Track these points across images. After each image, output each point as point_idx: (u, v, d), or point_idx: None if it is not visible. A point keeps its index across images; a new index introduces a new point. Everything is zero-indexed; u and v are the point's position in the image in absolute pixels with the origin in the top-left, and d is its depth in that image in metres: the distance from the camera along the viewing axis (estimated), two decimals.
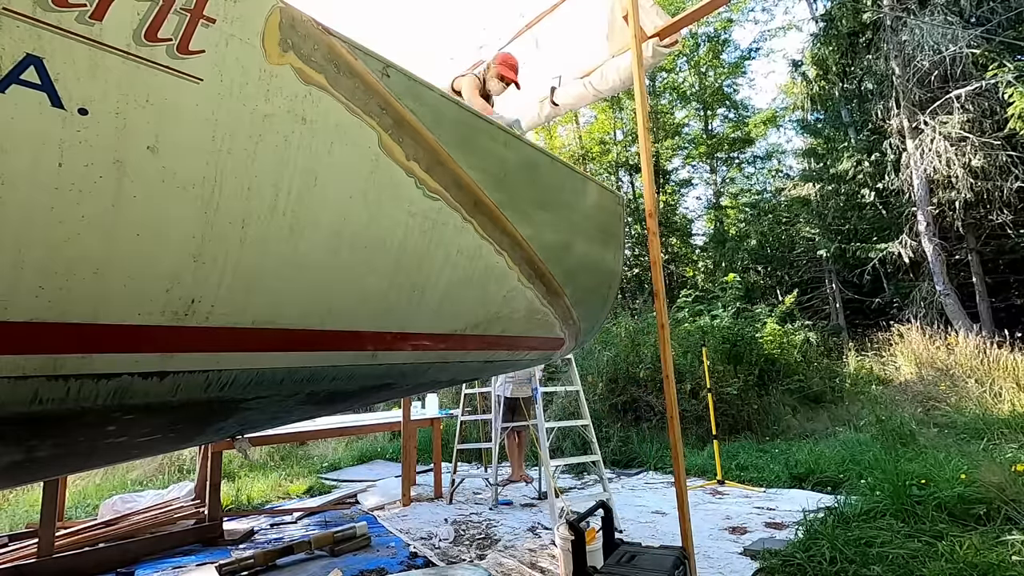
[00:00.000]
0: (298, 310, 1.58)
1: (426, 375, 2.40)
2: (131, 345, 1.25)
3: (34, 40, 0.97)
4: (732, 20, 17.24)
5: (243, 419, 1.90)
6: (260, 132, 1.31)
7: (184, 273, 1.27)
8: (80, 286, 1.13)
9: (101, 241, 1.12)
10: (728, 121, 18.89)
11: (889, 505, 3.40)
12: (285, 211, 1.40)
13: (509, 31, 4.24)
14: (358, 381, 2.02)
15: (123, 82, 1.08)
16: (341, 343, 1.77)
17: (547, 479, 4.10)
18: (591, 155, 18.89)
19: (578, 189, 2.87)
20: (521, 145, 2.31)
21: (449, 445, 6.19)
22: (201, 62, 1.18)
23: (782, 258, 14.97)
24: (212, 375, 1.45)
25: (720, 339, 7.94)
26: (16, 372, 1.11)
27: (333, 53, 1.48)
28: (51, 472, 2.56)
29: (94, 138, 1.06)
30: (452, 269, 1.99)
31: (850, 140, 12.52)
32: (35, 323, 1.10)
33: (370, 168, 1.59)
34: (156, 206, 1.18)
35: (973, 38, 9.16)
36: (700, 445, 6.58)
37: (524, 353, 2.94)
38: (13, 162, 0.98)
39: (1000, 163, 8.94)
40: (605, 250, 3.13)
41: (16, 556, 3.43)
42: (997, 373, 6.98)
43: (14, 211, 1.00)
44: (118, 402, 1.31)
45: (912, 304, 10.61)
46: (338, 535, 3.78)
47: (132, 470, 6.75)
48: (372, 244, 1.67)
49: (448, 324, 2.19)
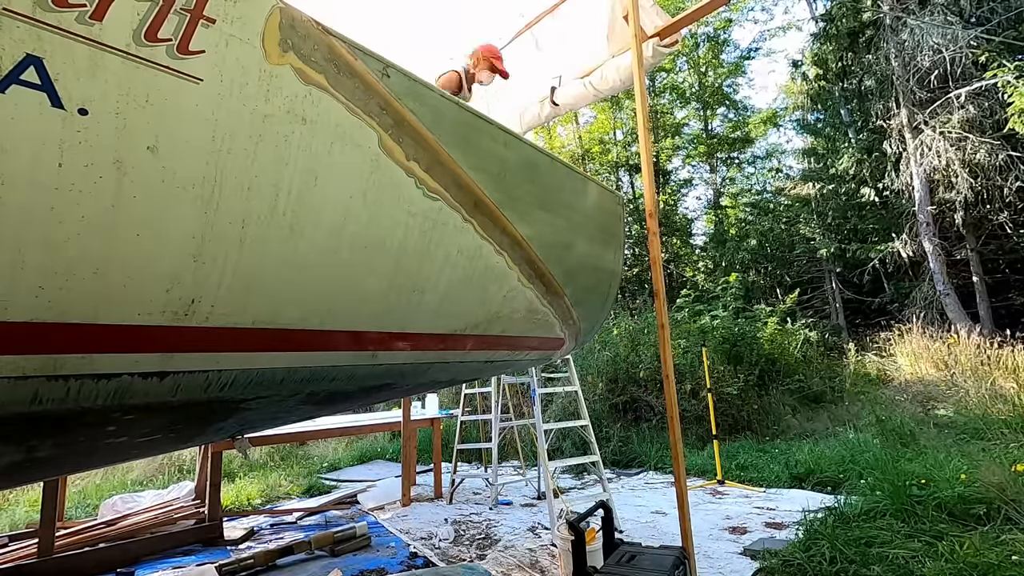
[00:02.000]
0: (298, 310, 1.58)
1: (426, 375, 2.40)
2: (131, 345, 1.25)
3: (34, 40, 0.97)
4: (731, 20, 17.22)
5: (243, 419, 1.90)
6: (260, 132, 1.31)
7: (184, 273, 1.27)
8: (80, 286, 1.13)
9: (101, 241, 1.12)
10: (728, 121, 18.89)
11: (889, 505, 3.40)
12: (285, 211, 1.40)
13: (509, 31, 4.25)
14: (358, 381, 2.02)
15: (123, 82, 1.08)
16: (341, 343, 1.77)
17: (546, 479, 4.10)
18: (591, 155, 18.88)
19: (578, 189, 2.87)
20: (521, 145, 2.31)
21: (449, 445, 6.19)
22: (201, 62, 1.18)
23: (782, 258, 14.96)
24: (212, 375, 1.45)
25: (720, 339, 7.94)
26: (16, 372, 1.11)
27: (333, 53, 1.48)
28: (51, 472, 2.55)
29: (94, 138, 1.06)
30: (452, 269, 1.99)
31: (850, 140, 12.51)
32: (35, 323, 1.10)
33: (370, 168, 1.59)
34: (156, 206, 1.18)
35: (973, 38, 9.15)
36: (700, 445, 6.58)
37: (524, 353, 2.95)
38: (13, 162, 0.98)
39: (1000, 163, 8.93)
40: (605, 250, 3.13)
41: (16, 556, 3.43)
42: (997, 373, 6.97)
43: (14, 211, 1.00)
44: (118, 402, 1.31)
45: (912, 304, 10.60)
46: (338, 535, 3.78)
47: (132, 470, 6.75)
48: (372, 244, 1.67)
49: (448, 324, 2.19)
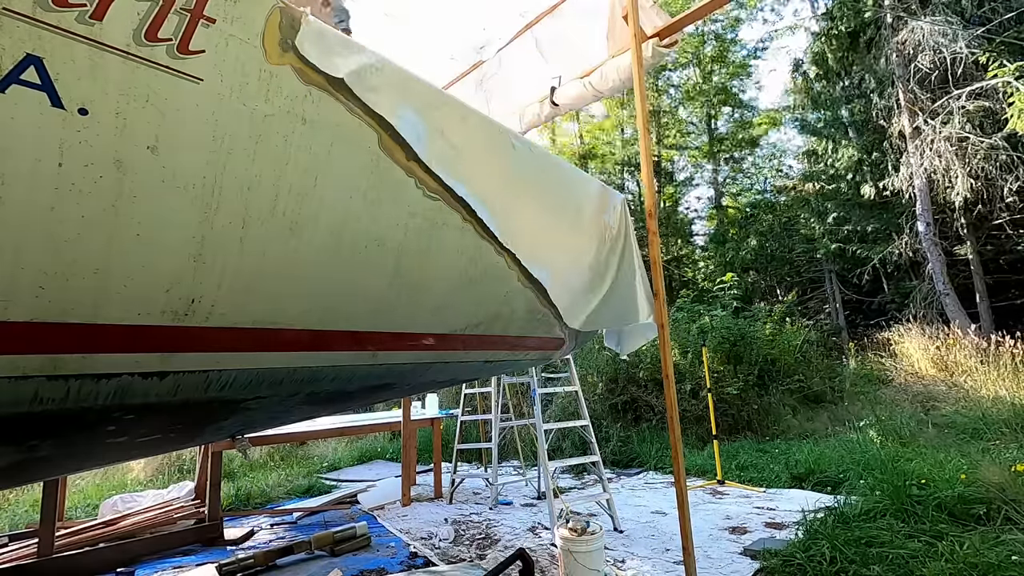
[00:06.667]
0: (298, 310, 1.58)
1: (426, 375, 2.40)
2: (131, 345, 1.25)
3: (34, 40, 0.97)
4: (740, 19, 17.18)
5: (243, 419, 1.90)
6: (260, 132, 1.31)
7: (184, 273, 1.27)
8: (80, 286, 1.13)
9: (101, 241, 1.12)
10: (732, 121, 18.88)
11: (889, 505, 3.40)
12: (285, 211, 1.40)
13: (509, 31, 4.25)
14: (358, 381, 2.02)
15: (123, 82, 1.08)
16: (341, 343, 1.77)
17: (546, 479, 4.10)
18: (592, 154, 18.88)
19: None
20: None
21: (449, 445, 6.19)
22: (201, 62, 1.18)
23: (782, 258, 14.97)
24: (212, 375, 1.45)
25: (720, 339, 7.94)
26: (16, 372, 1.11)
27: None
28: (51, 472, 2.56)
29: (94, 138, 1.06)
30: (452, 269, 1.99)
31: (850, 140, 12.52)
32: (35, 323, 1.10)
33: (370, 168, 1.59)
34: (156, 206, 1.18)
35: (973, 38, 9.15)
36: (700, 445, 6.58)
37: (524, 353, 2.95)
38: (13, 162, 0.98)
39: (1000, 163, 8.93)
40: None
41: (16, 556, 3.43)
42: (997, 373, 6.98)
43: (14, 211, 1.00)
44: (118, 402, 1.31)
45: (912, 304, 10.60)
46: (338, 535, 3.78)
47: (132, 470, 6.75)
48: (372, 244, 1.67)
49: (448, 324, 2.19)
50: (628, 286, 3.08)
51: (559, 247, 2.60)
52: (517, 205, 2.22)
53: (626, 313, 3.07)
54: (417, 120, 1.67)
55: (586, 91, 3.68)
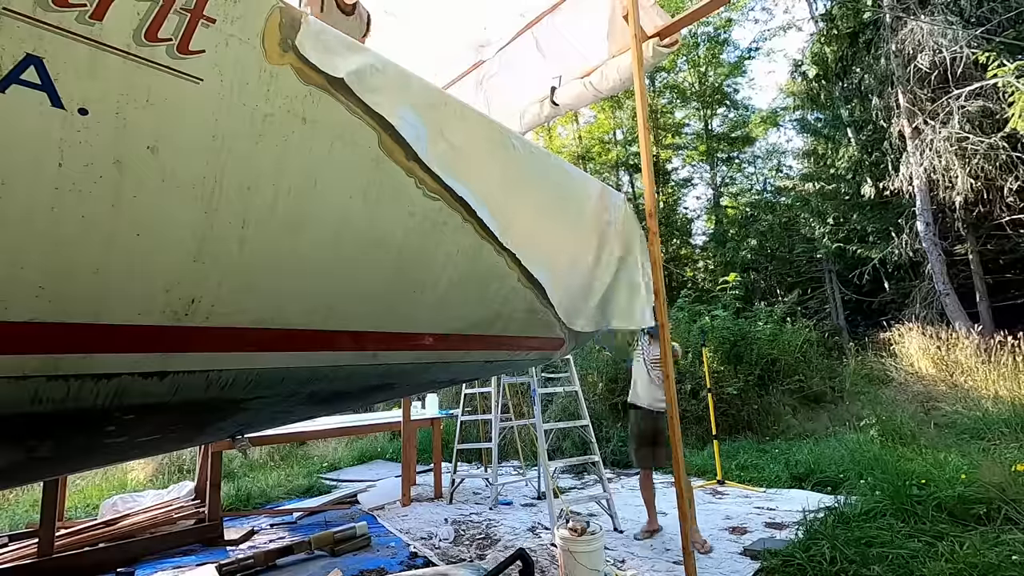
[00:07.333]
0: (298, 310, 1.58)
1: (426, 375, 2.40)
2: (131, 345, 1.25)
3: (34, 40, 0.97)
4: (732, 20, 17.20)
5: (243, 419, 1.90)
6: (260, 132, 1.31)
7: (184, 273, 1.26)
8: (80, 286, 1.13)
9: (101, 241, 1.12)
10: (728, 121, 18.89)
11: (889, 505, 3.40)
12: (285, 211, 1.40)
13: (509, 31, 4.24)
14: (358, 381, 2.02)
15: (123, 82, 1.08)
16: (341, 343, 1.77)
17: (546, 479, 4.10)
18: (591, 155, 18.88)
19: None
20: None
21: (449, 445, 6.19)
22: (201, 62, 1.18)
23: (782, 258, 14.97)
24: (212, 375, 1.45)
25: (720, 339, 7.94)
26: (16, 372, 1.11)
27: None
28: (51, 472, 2.56)
29: (94, 138, 1.06)
30: (452, 269, 1.98)
31: (850, 140, 12.52)
32: (35, 323, 1.10)
33: (370, 168, 1.59)
34: (156, 206, 1.18)
35: (973, 38, 9.14)
36: (700, 445, 6.58)
37: (524, 353, 2.94)
38: (13, 162, 0.98)
39: (1000, 163, 8.93)
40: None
41: (16, 556, 3.43)
42: (997, 373, 6.97)
43: (14, 211, 1.00)
44: (118, 402, 1.31)
45: (912, 304, 10.60)
46: (338, 535, 3.78)
47: (132, 470, 6.75)
48: (372, 244, 1.67)
49: (448, 324, 2.19)
50: (629, 286, 3.06)
51: (559, 247, 2.59)
52: (517, 205, 2.21)
53: (626, 313, 3.05)
54: (417, 120, 1.67)
55: (586, 91, 3.68)
